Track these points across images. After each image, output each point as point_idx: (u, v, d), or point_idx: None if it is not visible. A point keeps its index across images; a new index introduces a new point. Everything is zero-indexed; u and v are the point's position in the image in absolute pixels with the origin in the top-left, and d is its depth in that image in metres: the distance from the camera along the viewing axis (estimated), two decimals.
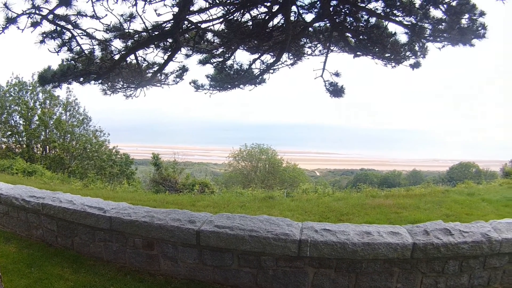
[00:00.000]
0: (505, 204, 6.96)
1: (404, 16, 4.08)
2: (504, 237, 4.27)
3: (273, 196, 8.29)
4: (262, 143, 25.00)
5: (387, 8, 4.02)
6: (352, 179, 39.72)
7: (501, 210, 6.68)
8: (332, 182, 32.97)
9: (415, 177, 39.96)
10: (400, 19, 4.11)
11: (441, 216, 6.08)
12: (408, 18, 4.08)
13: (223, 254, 4.16)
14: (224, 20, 4.39)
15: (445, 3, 4.06)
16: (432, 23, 4.01)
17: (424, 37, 4.15)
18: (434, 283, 4.20)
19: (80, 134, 18.34)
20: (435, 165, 68.51)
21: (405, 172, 46.11)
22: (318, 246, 3.90)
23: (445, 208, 6.76)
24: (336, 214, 6.52)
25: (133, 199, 7.28)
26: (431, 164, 72.60)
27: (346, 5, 4.19)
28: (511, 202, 7.06)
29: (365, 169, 55.75)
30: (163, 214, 4.43)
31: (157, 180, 11.11)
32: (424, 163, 71.31)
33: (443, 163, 62.73)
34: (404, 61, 4.71)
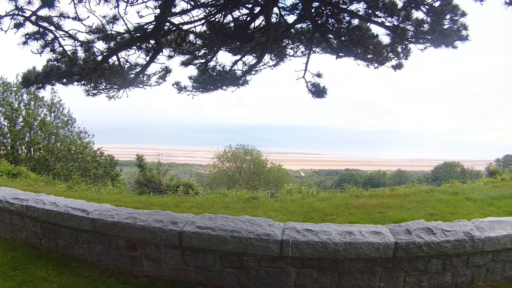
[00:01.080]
0: (489, 203, 6.98)
1: (386, 17, 4.09)
2: (487, 236, 4.28)
3: (257, 196, 8.28)
4: (247, 144, 25.13)
5: (369, 9, 4.03)
6: (337, 180, 39.81)
7: (486, 208, 6.69)
8: (317, 183, 33.05)
9: (400, 177, 40.10)
10: (382, 21, 4.12)
11: (425, 215, 6.09)
12: (390, 19, 4.08)
13: (206, 255, 4.15)
14: (206, 21, 4.39)
15: (427, 5, 4.07)
16: (414, 25, 4.02)
17: (406, 38, 4.16)
18: (418, 282, 4.20)
19: (65, 136, 18.15)
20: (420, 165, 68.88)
21: (390, 172, 46.30)
22: (300, 246, 3.89)
23: (430, 208, 6.77)
24: (320, 214, 6.52)
25: (118, 201, 7.25)
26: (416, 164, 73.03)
27: (327, 6, 4.20)
28: (495, 201, 7.08)
29: (350, 169, 55.94)
30: (145, 216, 4.41)
31: (141, 182, 11.07)
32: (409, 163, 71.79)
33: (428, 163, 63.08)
34: (386, 62, 4.72)
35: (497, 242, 4.33)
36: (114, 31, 4.49)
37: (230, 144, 25.15)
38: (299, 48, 5.17)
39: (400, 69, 4.69)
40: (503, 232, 4.40)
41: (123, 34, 4.38)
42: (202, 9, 4.30)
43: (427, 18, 3.95)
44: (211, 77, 5.02)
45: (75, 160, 16.66)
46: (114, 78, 4.75)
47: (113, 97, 5.05)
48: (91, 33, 4.58)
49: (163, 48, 4.59)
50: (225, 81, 5.07)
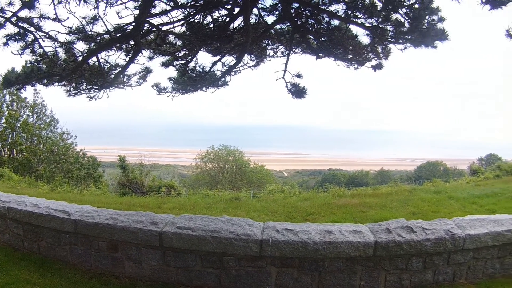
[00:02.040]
0: (472, 202, 7.01)
1: (365, 18, 4.09)
2: (467, 234, 4.30)
3: (239, 197, 8.27)
4: (229, 145, 24.99)
5: (348, 10, 4.03)
6: (320, 179, 39.64)
7: (468, 207, 6.72)
8: (300, 183, 33.09)
9: (382, 176, 40.21)
10: (361, 21, 4.12)
11: (408, 214, 6.10)
12: (369, 20, 4.09)
13: (186, 255, 4.14)
14: (185, 22, 4.37)
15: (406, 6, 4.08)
16: (394, 25, 4.03)
17: (386, 39, 4.17)
18: (398, 280, 4.21)
19: (47, 137, 17.82)
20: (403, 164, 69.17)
21: (373, 171, 46.44)
22: (279, 246, 3.89)
23: (412, 206, 6.78)
24: (302, 214, 6.51)
25: (100, 202, 7.21)
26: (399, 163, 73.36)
27: (307, 7, 4.19)
28: (478, 200, 7.10)
29: (332, 169, 56.00)
30: (126, 217, 4.39)
31: (123, 183, 11.01)
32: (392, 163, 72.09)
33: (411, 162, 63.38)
34: (366, 62, 4.72)
35: (478, 240, 4.35)
36: (94, 32, 4.48)
37: (213, 145, 25.08)
38: (279, 48, 5.17)
39: (380, 69, 4.70)
40: (484, 230, 4.41)
41: (103, 35, 4.36)
42: (182, 10, 4.28)
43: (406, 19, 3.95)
44: (191, 78, 5.00)
45: (58, 162, 16.43)
46: (94, 79, 4.73)
47: (94, 98, 5.03)
48: (71, 34, 4.56)
49: (143, 49, 4.58)
50: (204, 82, 5.05)
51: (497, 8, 3.90)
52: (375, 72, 4.66)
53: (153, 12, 4.19)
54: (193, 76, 5.01)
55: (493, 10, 3.95)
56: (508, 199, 7.51)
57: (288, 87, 5.02)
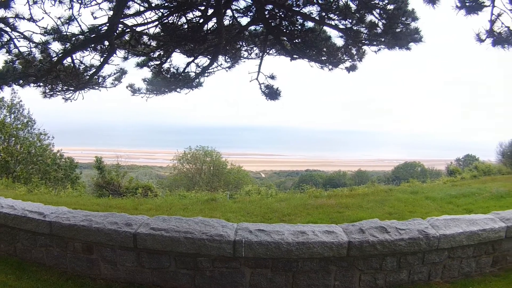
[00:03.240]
0: (448, 201, 7.05)
1: (340, 20, 4.10)
2: (442, 233, 4.32)
3: (216, 198, 8.26)
4: (207, 146, 24.81)
5: (322, 12, 4.04)
6: (297, 180, 39.61)
7: (445, 207, 6.76)
8: (277, 184, 33.11)
9: (360, 177, 40.38)
10: (336, 23, 4.13)
11: (384, 214, 6.12)
12: (344, 22, 4.10)
13: (160, 256, 4.12)
14: (159, 23, 4.36)
15: (380, 8, 4.10)
16: (368, 27, 4.04)
17: (360, 40, 4.18)
18: (373, 280, 4.23)
19: (25, 138, 17.42)
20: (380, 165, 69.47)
21: (351, 172, 46.67)
22: (252, 247, 3.89)
23: (388, 207, 6.81)
24: (278, 215, 6.52)
25: (77, 204, 7.17)
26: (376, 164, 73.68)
27: (281, 9, 4.19)
28: (455, 199, 7.15)
29: (310, 170, 56.00)
30: (101, 218, 4.37)
31: (100, 184, 10.95)
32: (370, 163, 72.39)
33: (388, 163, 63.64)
34: (340, 64, 4.73)
35: (453, 240, 4.38)
36: (69, 32, 4.45)
37: (190, 146, 24.88)
38: (253, 50, 5.18)
39: (354, 71, 4.72)
40: (459, 229, 4.45)
41: (78, 36, 4.34)
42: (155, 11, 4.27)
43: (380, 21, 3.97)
44: (165, 79, 4.99)
45: (35, 163, 16.16)
46: (69, 80, 4.70)
47: (69, 99, 5.00)
48: (46, 34, 4.53)
49: (117, 50, 4.55)
50: (179, 83, 5.04)
51: (473, 13, 3.92)
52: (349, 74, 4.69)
53: (128, 13, 4.17)
54: (168, 77, 5.00)
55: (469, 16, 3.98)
56: (485, 199, 7.57)
57: (262, 88, 5.02)
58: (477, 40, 3.96)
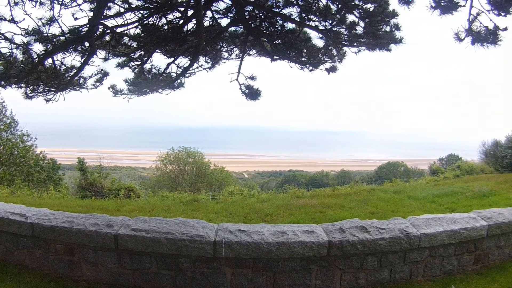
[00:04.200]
0: (431, 201, 7.09)
1: (320, 21, 4.11)
2: (423, 232, 4.35)
3: (198, 199, 8.25)
4: (189, 146, 24.62)
5: (302, 13, 4.04)
6: (281, 181, 39.57)
7: (427, 206, 6.79)
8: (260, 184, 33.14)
9: (343, 177, 40.56)
10: (316, 24, 4.14)
11: (366, 214, 6.15)
12: (324, 23, 4.11)
13: (142, 257, 4.12)
14: (139, 24, 4.35)
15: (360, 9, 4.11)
16: (348, 28, 4.05)
17: (340, 41, 4.19)
18: (354, 279, 4.25)
19: (7, 139, 17.16)
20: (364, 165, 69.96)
21: (334, 172, 46.91)
22: (233, 247, 3.89)
23: (371, 206, 6.83)
24: (261, 215, 6.53)
25: (60, 206, 7.13)
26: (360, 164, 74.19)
27: (261, 10, 4.19)
28: (437, 199, 7.19)
29: (293, 170, 56.04)
30: (82, 219, 4.36)
31: (83, 186, 10.90)
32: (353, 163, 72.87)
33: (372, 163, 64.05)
34: (321, 65, 4.74)
35: (434, 238, 4.41)
36: (50, 33, 4.43)
37: (173, 147, 24.59)
38: (234, 51, 5.18)
39: (334, 72, 4.74)
40: (440, 228, 4.48)
41: (59, 37, 4.32)
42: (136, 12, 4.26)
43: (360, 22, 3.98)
44: (147, 80, 4.98)
45: (18, 164, 15.96)
46: (50, 81, 4.68)
47: (51, 100, 4.98)
48: (27, 35, 4.51)
49: (97, 51, 4.54)
50: (160, 83, 5.04)
51: (448, 13, 3.95)
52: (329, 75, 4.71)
53: (108, 14, 4.17)
54: (149, 77, 4.99)
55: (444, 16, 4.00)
56: (468, 198, 7.63)
57: (242, 89, 5.03)
58: (456, 39, 3.98)
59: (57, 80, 4.60)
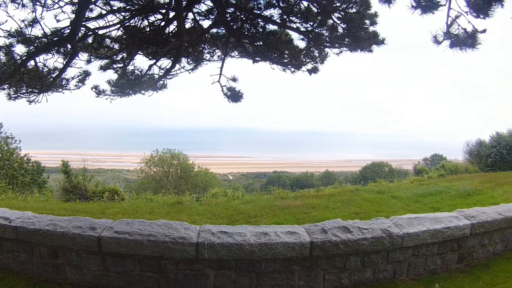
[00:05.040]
0: (415, 200, 7.14)
1: (301, 23, 4.13)
2: (405, 232, 4.39)
3: (182, 201, 8.27)
4: (174, 148, 24.63)
5: (284, 15, 4.06)
6: (265, 182, 39.70)
7: (412, 206, 6.85)
8: (245, 185, 33.28)
9: (328, 178, 40.89)
10: (297, 26, 4.16)
11: (351, 214, 6.19)
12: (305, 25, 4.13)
13: (125, 260, 4.12)
14: (121, 26, 4.35)
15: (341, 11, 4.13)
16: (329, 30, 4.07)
17: (321, 43, 4.21)
18: (338, 279, 4.27)
19: None
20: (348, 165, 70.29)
21: (318, 173, 47.13)
22: (215, 248, 3.91)
23: (355, 207, 6.88)
24: (245, 216, 6.55)
25: (44, 209, 7.12)
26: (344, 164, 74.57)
27: (242, 12, 4.21)
28: (421, 198, 7.25)
29: (278, 171, 56.02)
30: (65, 222, 4.36)
31: (67, 189, 10.87)
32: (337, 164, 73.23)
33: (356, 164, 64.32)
34: (303, 66, 4.77)
35: (417, 238, 4.45)
36: (33, 35, 4.42)
37: (157, 149, 24.58)
38: (216, 52, 5.19)
39: (316, 73, 4.77)
40: (422, 228, 4.52)
41: (41, 38, 4.31)
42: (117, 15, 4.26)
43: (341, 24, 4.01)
44: (129, 81, 4.99)
45: (2, 167, 15.79)
46: (33, 82, 4.67)
47: (34, 102, 4.97)
48: (10, 37, 4.50)
49: (79, 53, 4.54)
50: (143, 85, 5.05)
51: (428, 12, 3.98)
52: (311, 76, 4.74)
53: (90, 16, 4.16)
54: (132, 79, 5.00)
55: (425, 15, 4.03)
56: (452, 197, 7.70)
57: (224, 91, 5.04)
58: (434, 42, 4.02)
59: (39, 82, 4.59)
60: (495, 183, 10.52)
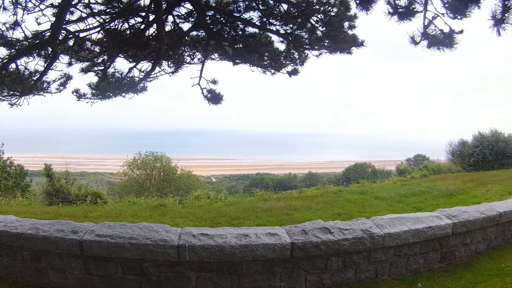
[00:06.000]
0: (398, 200, 7.20)
1: (281, 26, 4.16)
2: (386, 232, 4.43)
3: (165, 204, 8.29)
4: (156, 151, 24.55)
5: (263, 17, 4.09)
6: (248, 184, 39.72)
7: (395, 206, 6.91)
8: (228, 188, 33.26)
9: (311, 179, 41.01)
10: (277, 28, 4.19)
11: (333, 215, 6.23)
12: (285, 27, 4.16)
13: (107, 263, 4.13)
14: (101, 29, 4.36)
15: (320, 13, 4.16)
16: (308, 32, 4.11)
17: (301, 45, 4.25)
18: (319, 280, 4.31)
19: None
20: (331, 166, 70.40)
21: (301, 174, 47.28)
22: (196, 251, 3.93)
23: (338, 208, 6.92)
24: (227, 218, 6.57)
25: (27, 213, 7.10)
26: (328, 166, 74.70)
27: (222, 15, 4.23)
28: (404, 198, 7.31)
29: (261, 173, 55.96)
30: (47, 226, 4.36)
31: (50, 192, 10.85)
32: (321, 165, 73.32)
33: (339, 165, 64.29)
34: (282, 68, 4.80)
35: (398, 238, 4.49)
36: (14, 38, 4.42)
37: (140, 151, 24.45)
38: (196, 55, 5.22)
39: (296, 75, 4.81)
40: (404, 227, 4.56)
41: (22, 41, 4.32)
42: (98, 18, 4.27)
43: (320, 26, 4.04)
44: (110, 84, 5.00)
45: None
46: (14, 85, 4.67)
47: (15, 105, 4.97)
48: None
49: (60, 55, 4.55)
50: (123, 87, 5.06)
51: (405, 19, 4.02)
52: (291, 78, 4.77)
53: (71, 19, 4.18)
54: (112, 82, 5.01)
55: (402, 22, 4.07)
56: (435, 196, 7.77)
57: (204, 93, 5.07)
58: (411, 43, 4.06)
59: (21, 85, 4.59)
60: (478, 183, 10.65)
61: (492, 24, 4.07)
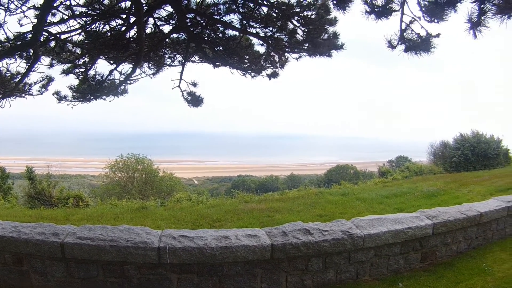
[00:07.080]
0: (379, 202, 7.29)
1: (261, 28, 4.20)
2: (366, 233, 4.49)
3: (147, 206, 8.32)
4: (138, 153, 24.44)
5: (243, 20, 4.12)
6: (230, 186, 39.74)
7: (376, 207, 6.98)
8: (210, 190, 33.36)
9: (293, 181, 41.00)
10: (257, 31, 4.23)
11: (315, 217, 6.29)
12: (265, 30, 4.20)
13: (88, 265, 4.15)
14: (83, 31, 4.38)
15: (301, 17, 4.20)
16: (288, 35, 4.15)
17: (281, 48, 4.29)
18: (300, 281, 4.36)
19: None
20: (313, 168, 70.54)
21: (283, 176, 47.45)
22: (176, 253, 3.96)
23: (319, 209, 6.99)
24: (209, 221, 6.62)
25: (9, 216, 7.07)
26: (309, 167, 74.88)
27: (202, 17, 4.26)
28: (386, 199, 7.39)
29: (242, 175, 55.89)
30: (29, 228, 4.36)
31: (32, 195, 10.82)
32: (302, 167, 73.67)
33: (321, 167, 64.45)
34: (262, 71, 4.84)
35: (378, 239, 4.55)
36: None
37: (121, 154, 24.38)
38: (177, 57, 5.25)
39: (276, 78, 4.86)
40: (384, 228, 4.63)
41: (4, 43, 4.32)
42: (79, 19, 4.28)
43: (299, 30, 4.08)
44: (90, 86, 5.02)
45: None
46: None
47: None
48: None
49: (42, 57, 4.56)
50: (104, 90, 5.08)
51: (382, 18, 4.08)
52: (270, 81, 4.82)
53: (52, 20, 4.18)
54: (93, 84, 5.02)
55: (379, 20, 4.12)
56: (417, 197, 7.87)
57: (184, 95, 5.11)
58: (388, 47, 4.11)
59: (2, 86, 4.59)
60: (459, 183, 10.78)
61: (468, 27, 4.14)
